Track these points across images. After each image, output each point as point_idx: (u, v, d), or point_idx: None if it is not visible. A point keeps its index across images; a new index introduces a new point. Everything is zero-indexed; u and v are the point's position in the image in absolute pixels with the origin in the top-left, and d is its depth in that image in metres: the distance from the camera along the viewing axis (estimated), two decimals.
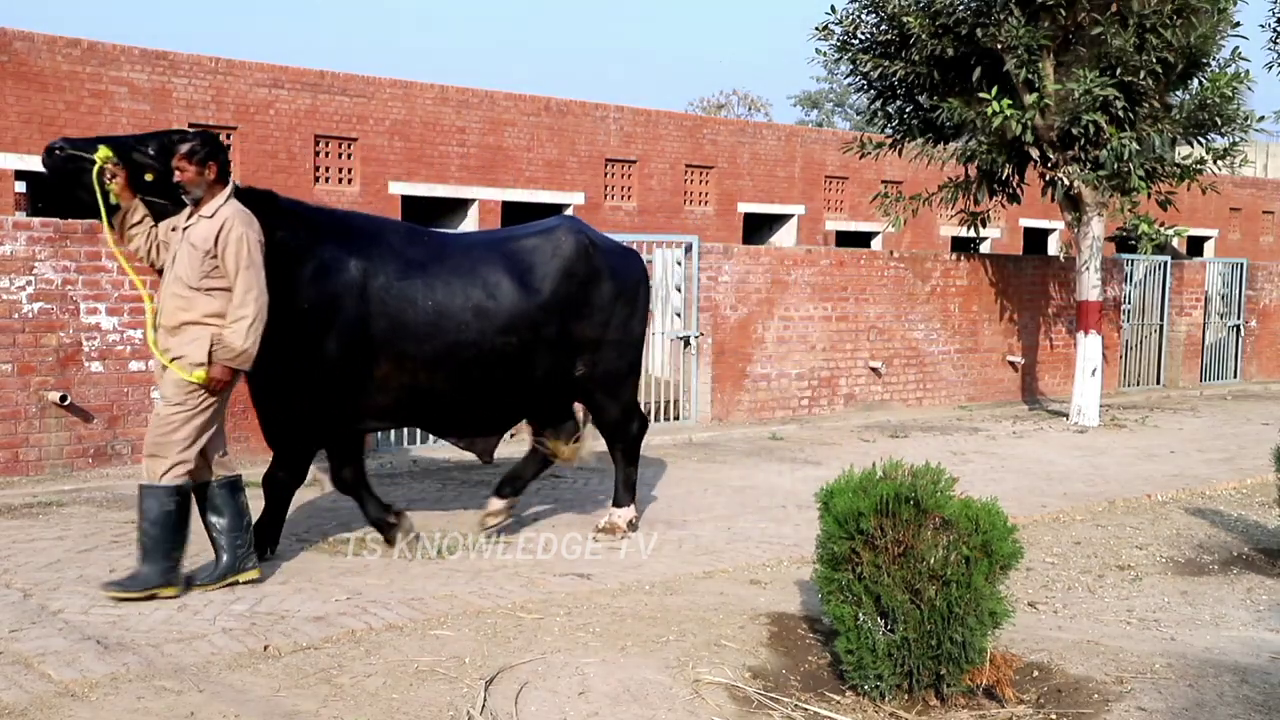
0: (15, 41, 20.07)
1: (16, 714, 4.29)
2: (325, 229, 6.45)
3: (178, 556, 5.75)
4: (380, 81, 24.42)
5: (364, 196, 24.11)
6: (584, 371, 7.15)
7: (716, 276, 12.60)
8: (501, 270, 6.74)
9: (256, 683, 4.69)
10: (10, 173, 20.12)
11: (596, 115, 27.46)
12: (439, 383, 6.56)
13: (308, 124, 23.39)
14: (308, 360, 6.24)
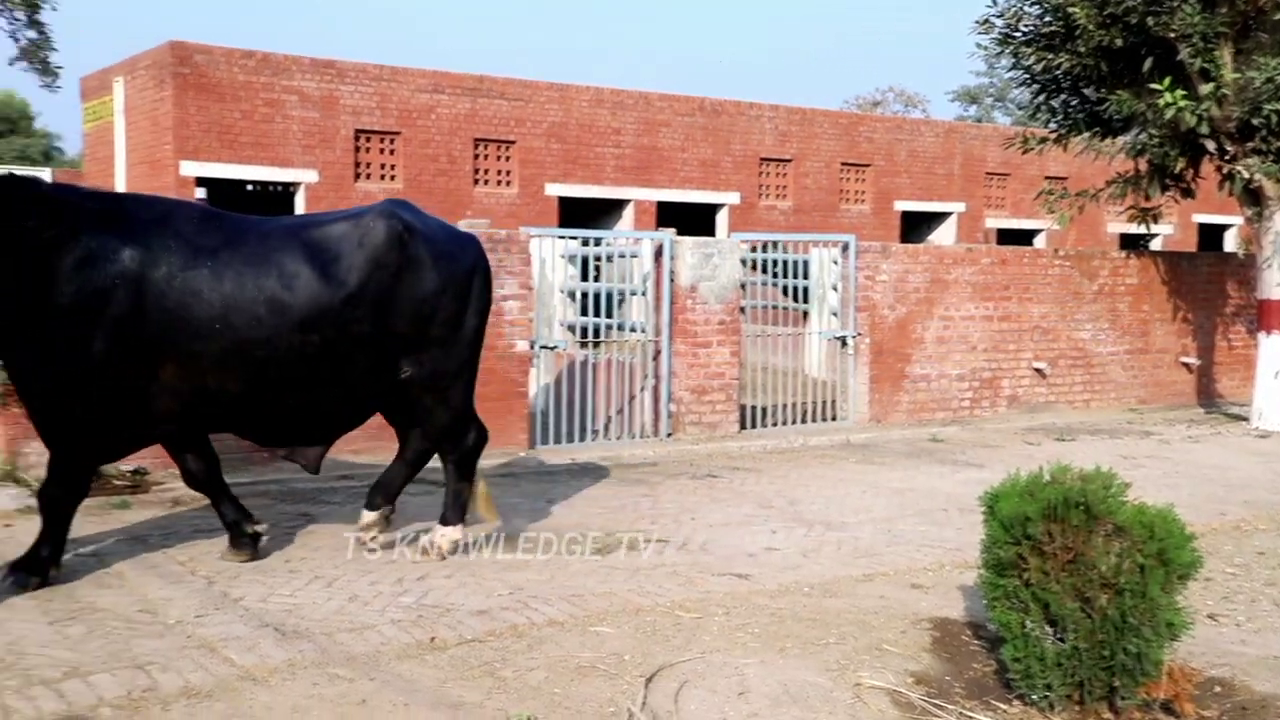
0: (196, 55, 21.01)
1: (203, 695, 4.50)
2: (96, 215, 5.83)
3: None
4: (537, 85, 24.79)
5: (521, 198, 24.52)
6: (409, 373, 6.43)
7: (874, 276, 12.43)
8: (300, 259, 6.03)
9: (424, 673, 4.81)
10: (192, 179, 21.07)
11: (751, 114, 27.36)
12: (231, 385, 5.93)
13: (467, 128, 23.89)
14: (73, 361, 5.65)
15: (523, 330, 10.12)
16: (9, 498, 7.57)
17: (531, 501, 8.21)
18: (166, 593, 5.77)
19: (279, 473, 8.74)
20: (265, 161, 21.80)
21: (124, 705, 4.38)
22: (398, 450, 6.96)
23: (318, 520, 7.37)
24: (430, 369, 6.46)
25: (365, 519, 6.73)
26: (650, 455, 10.27)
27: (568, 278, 12.13)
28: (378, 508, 6.77)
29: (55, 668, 4.71)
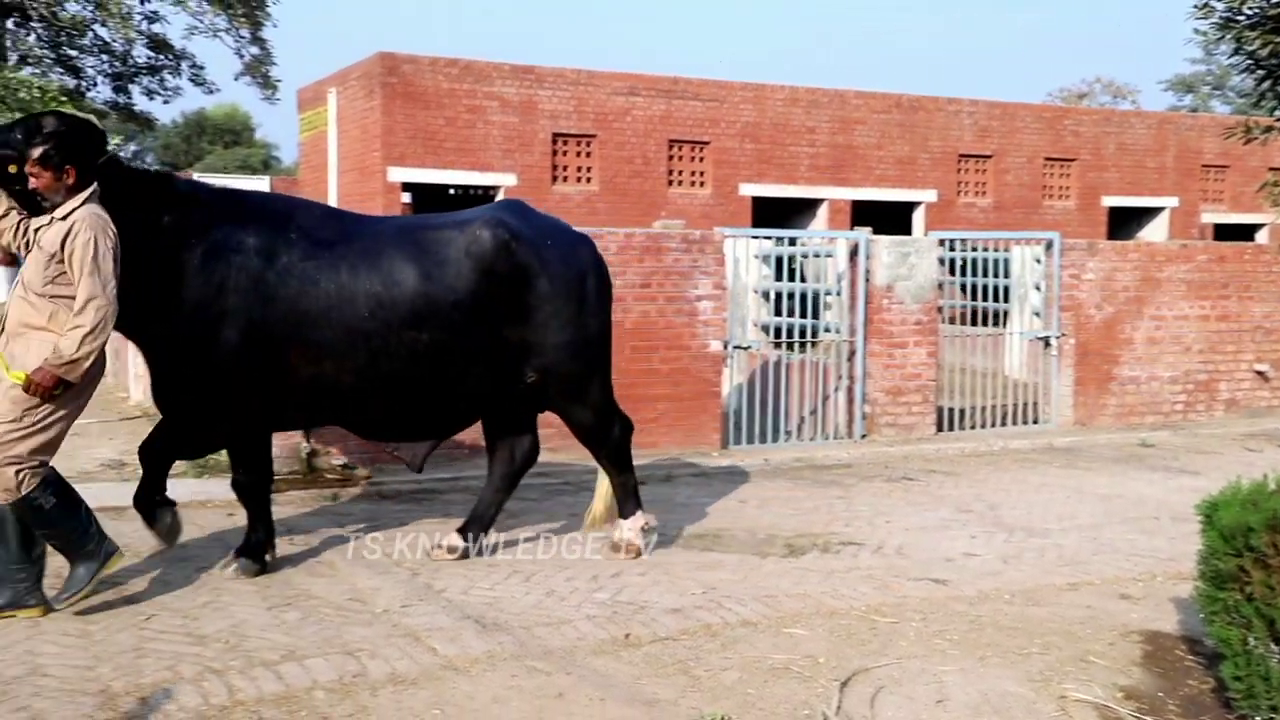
0: (403, 65, 21.81)
1: (408, 683, 4.66)
2: (225, 211, 6.00)
3: (95, 529, 5.44)
4: (731, 85, 24.81)
5: (715, 199, 24.58)
6: (536, 380, 6.42)
7: (1079, 274, 11.98)
8: (408, 259, 6.10)
9: (619, 669, 4.87)
10: (398, 185, 21.88)
11: (949, 110, 26.75)
12: (345, 376, 6.02)
13: (662, 129, 24.08)
14: (205, 350, 5.81)
15: (716, 330, 10.14)
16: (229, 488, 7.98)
17: (724, 502, 8.22)
18: (374, 583, 6.01)
19: (479, 469, 8.98)
20: (467, 166, 22.46)
21: (336, 689, 4.57)
22: (487, 474, 6.94)
23: (515, 516, 7.54)
24: (558, 373, 6.44)
25: (451, 540, 6.59)
26: (844, 457, 10.15)
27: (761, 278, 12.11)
28: (467, 537, 6.63)
29: (274, 650, 4.95)
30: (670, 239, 9.98)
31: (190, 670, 4.71)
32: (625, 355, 9.72)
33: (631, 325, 9.75)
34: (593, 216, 23.00)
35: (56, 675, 4.62)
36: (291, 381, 5.99)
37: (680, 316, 9.96)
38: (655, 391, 9.88)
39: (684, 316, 9.98)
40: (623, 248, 9.72)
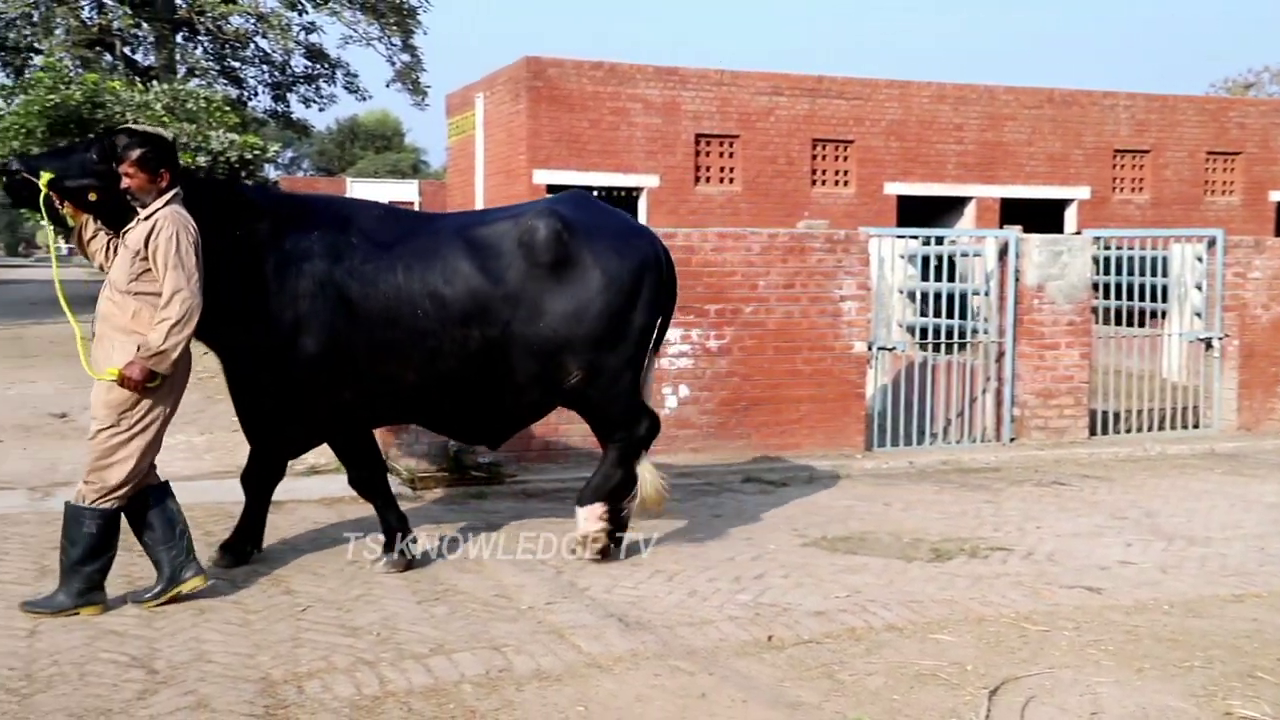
0: (549, 69, 22.11)
1: (553, 679, 4.72)
2: (290, 216, 6.10)
3: (98, 579, 5.42)
4: (877, 83, 24.50)
5: (859, 198, 24.30)
6: (581, 377, 6.30)
7: (1245, 273, 11.48)
8: (462, 256, 6.11)
9: (761, 671, 4.85)
10: (543, 187, 22.18)
11: (1104, 104, 25.95)
12: (408, 375, 6.08)
13: (805, 128, 23.92)
14: (277, 354, 5.93)
15: (860, 331, 10.02)
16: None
17: (868, 505, 8.12)
18: (519, 579, 6.10)
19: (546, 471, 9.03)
20: (610, 168, 22.65)
21: (483, 683, 4.66)
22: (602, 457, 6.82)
23: (658, 516, 7.56)
24: (596, 368, 6.31)
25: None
26: (991, 460, 9.93)
27: (906, 278, 11.92)
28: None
29: (423, 644, 5.07)
30: (814, 239, 9.90)
31: (344, 661, 4.85)
32: (768, 356, 9.69)
33: (775, 326, 9.70)
34: (735, 217, 22.97)
35: (220, 662, 4.81)
36: (360, 383, 6.07)
37: (824, 317, 9.88)
38: (798, 393, 9.81)
39: (828, 317, 9.88)
40: (766, 248, 9.68)
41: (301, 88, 29.19)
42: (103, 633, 5.11)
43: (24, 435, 9.88)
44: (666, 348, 9.39)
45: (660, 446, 9.36)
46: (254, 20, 25.43)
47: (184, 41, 26.58)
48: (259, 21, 25.37)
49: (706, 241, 9.55)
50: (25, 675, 4.62)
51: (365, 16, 26.50)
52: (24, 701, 4.38)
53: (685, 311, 9.42)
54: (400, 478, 8.38)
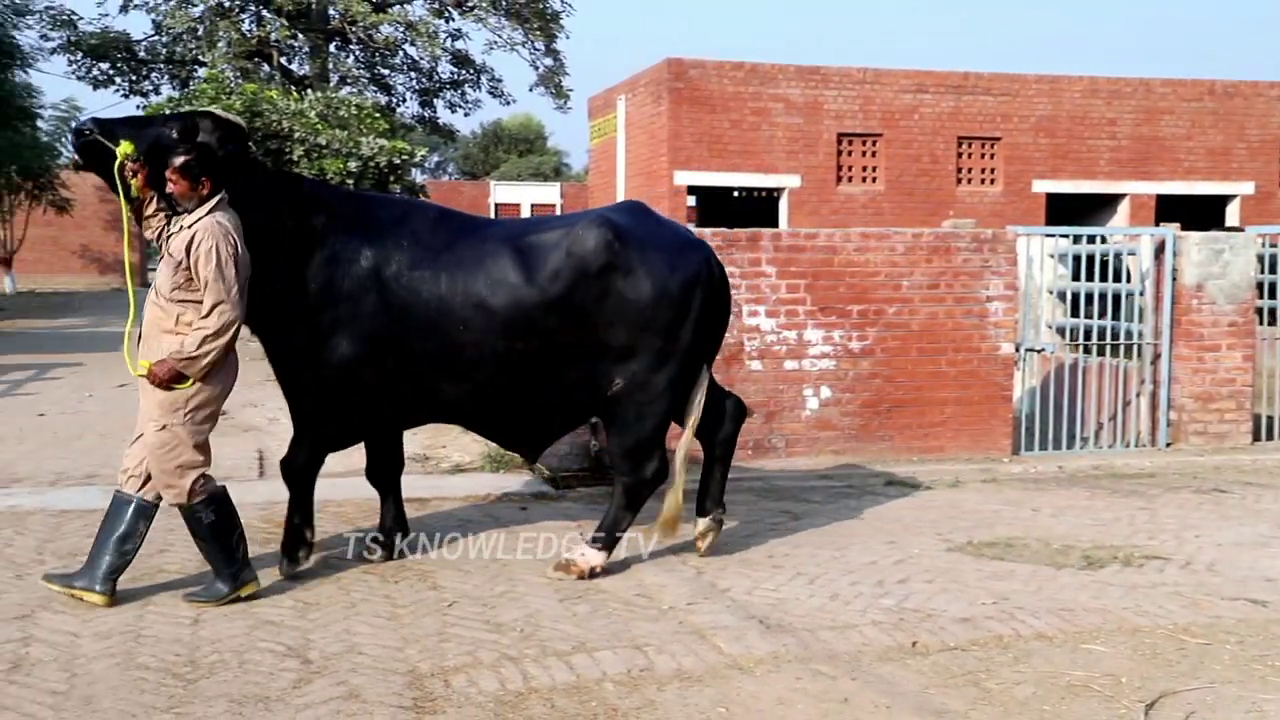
0: (690, 70, 22.17)
1: (694, 679, 4.73)
2: (345, 215, 6.04)
3: (241, 555, 5.62)
4: (1025, 79, 23.92)
5: (1006, 196, 23.76)
6: (620, 388, 6.09)
7: None
8: (509, 264, 5.95)
9: (905, 677, 4.78)
10: (684, 188, 22.24)
11: (1271, 95, 24.86)
12: (450, 384, 6.01)
13: (950, 126, 23.49)
14: (321, 353, 5.90)
15: (1007, 332, 9.79)
16: (524, 484, 8.34)
17: (1015, 510, 7.93)
18: (660, 579, 6.12)
19: (763, 470, 9.02)
20: (751, 168, 22.60)
21: (624, 682, 4.69)
22: (704, 453, 6.75)
23: (799, 518, 7.52)
24: (638, 381, 6.09)
25: (699, 525, 6.55)
26: (1146, 465, 9.59)
27: (1056, 277, 11.61)
28: (708, 513, 6.57)
29: (565, 641, 5.13)
30: (959, 238, 9.71)
31: (489, 656, 4.94)
32: (912, 358, 9.54)
33: (919, 327, 9.55)
34: (878, 217, 22.70)
35: (370, 654, 4.95)
36: (398, 389, 6.04)
37: (970, 318, 9.68)
38: (942, 395, 9.64)
39: (973, 318, 9.68)
40: (910, 248, 9.54)
41: (448, 93, 29.82)
42: (261, 623, 5.30)
43: None
44: (808, 348, 9.33)
45: (801, 448, 9.34)
46: (403, 29, 26.05)
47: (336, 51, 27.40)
48: (408, 30, 25.99)
49: (849, 241, 9.45)
50: (190, 662, 4.82)
51: (509, 22, 26.94)
52: (189, 687, 4.57)
53: (827, 312, 9.35)
54: (541, 476, 8.50)
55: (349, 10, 24.47)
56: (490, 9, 26.45)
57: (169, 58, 27.13)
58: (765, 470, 9.02)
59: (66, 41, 26.39)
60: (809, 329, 9.36)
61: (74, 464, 8.88)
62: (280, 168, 13.30)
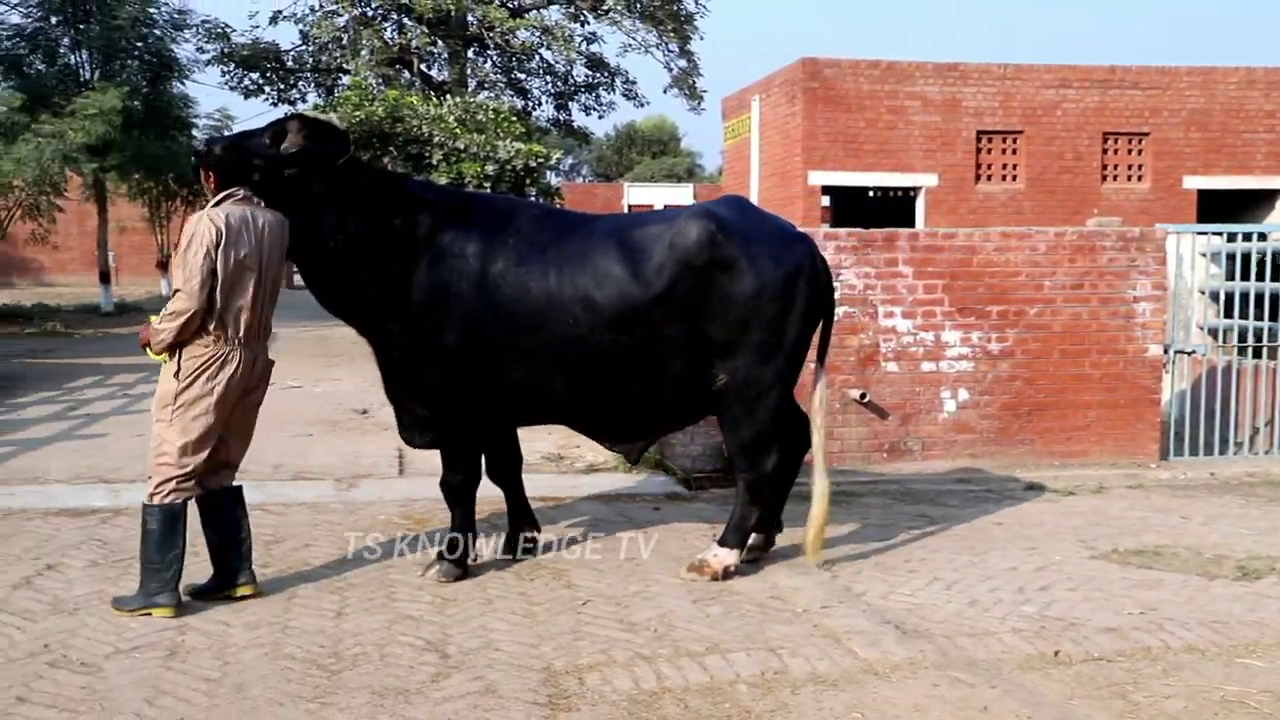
0: (825, 69, 21.99)
1: (828, 684, 4.68)
2: (450, 213, 6.04)
3: (168, 577, 5.41)
4: (1175, 71, 23.12)
5: (1154, 193, 23.01)
6: (724, 383, 6.04)
7: None
8: (614, 259, 5.91)
9: (1048, 687, 4.65)
10: (818, 188, 22.07)
11: None
12: (556, 381, 5.99)
13: (1095, 121, 22.84)
14: (430, 351, 5.91)
15: (1155, 334, 9.47)
16: (657, 484, 8.37)
17: (1164, 517, 7.66)
18: (794, 582, 6.08)
19: (899, 473, 8.89)
20: (887, 168, 22.31)
21: (758, 684, 4.67)
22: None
23: (936, 522, 7.39)
24: (744, 376, 6.03)
25: (751, 540, 6.42)
26: None
27: (1209, 277, 11.18)
28: (765, 529, 6.49)
29: (698, 642, 5.13)
30: (1105, 237, 9.42)
31: (622, 655, 4.97)
32: (1054, 360, 9.30)
33: (1061, 328, 9.30)
34: (1018, 216, 22.19)
35: (506, 650, 5.02)
36: (505, 385, 6.04)
37: (1115, 319, 9.39)
38: (1086, 398, 9.37)
39: (1119, 319, 9.39)
40: (1052, 247, 9.29)
41: (582, 96, 30.11)
42: (401, 617, 5.42)
43: (330, 430, 10.60)
44: (944, 350, 9.17)
45: (938, 451, 9.17)
46: (539, 33, 26.40)
47: (474, 56, 27.89)
48: (544, 34, 26.32)
49: (989, 241, 9.25)
50: (333, 653, 4.96)
51: (644, 25, 27.06)
52: (333, 678, 4.70)
53: (965, 313, 9.17)
54: (675, 477, 8.52)
55: (487, 16, 24.89)
56: (625, 12, 26.61)
57: (315, 66, 27.97)
58: (901, 473, 8.89)
59: (220, 53, 27.41)
60: (947, 330, 9.19)
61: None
62: (420, 171, 13.60)
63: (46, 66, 26.05)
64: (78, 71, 26.32)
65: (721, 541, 6.23)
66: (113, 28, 25.77)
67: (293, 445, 9.79)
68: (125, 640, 5.08)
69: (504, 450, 6.58)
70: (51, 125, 23.28)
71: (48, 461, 9.07)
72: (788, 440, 6.40)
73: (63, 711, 4.36)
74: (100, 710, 4.37)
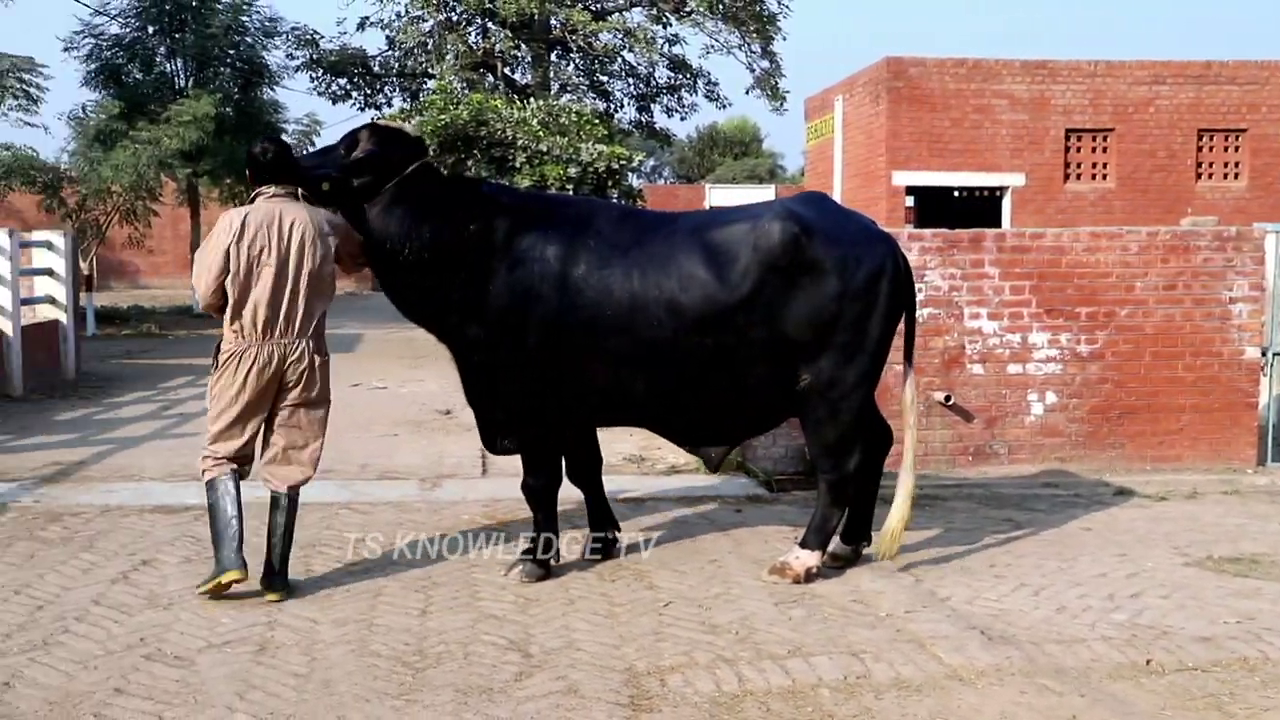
0: (910, 68, 21.77)
1: (912, 689, 4.63)
2: (529, 216, 6.00)
3: (224, 545, 5.65)
4: (1274, 66, 22.54)
5: (1252, 191, 22.43)
6: (808, 382, 5.97)
7: None
8: (698, 261, 5.86)
9: (1139, 696, 4.56)
10: (902, 189, 21.85)
11: None
12: (638, 383, 5.94)
13: (1189, 118, 22.32)
14: (509, 355, 5.90)
15: (1253, 336, 9.23)
16: (739, 486, 8.34)
17: (1262, 524, 7.45)
18: (877, 586, 6.03)
19: (984, 476, 8.77)
20: (972, 167, 22.01)
21: (840, 688, 4.63)
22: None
23: (1022, 527, 7.27)
24: (828, 377, 5.97)
25: (834, 547, 6.36)
26: None
27: None
28: (854, 541, 6.43)
29: (780, 645, 5.11)
30: (1199, 237, 9.21)
31: (704, 657, 4.96)
32: (1145, 362, 9.11)
33: (1153, 330, 9.10)
34: (1108, 215, 21.76)
35: (588, 650, 5.04)
36: (586, 387, 6.01)
37: (1210, 321, 9.17)
38: (1179, 401, 9.16)
39: (1214, 321, 9.17)
40: (1144, 247, 9.10)
41: (664, 98, 30.08)
42: (484, 616, 5.47)
43: (415, 431, 10.73)
44: (1031, 352, 9.03)
45: (1024, 455, 9.03)
46: (622, 36, 26.44)
47: (557, 60, 28.03)
48: (626, 37, 26.35)
49: (1078, 241, 9.09)
50: (418, 651, 5.02)
51: (726, 26, 26.97)
52: (418, 675, 4.76)
53: (1054, 315, 9.02)
54: (757, 479, 8.49)
55: (570, 20, 25.01)
56: (707, 13, 26.54)
57: (400, 71, 28.31)
58: (986, 477, 8.76)
59: (309, 59, 27.86)
60: (1034, 332, 9.05)
61: None
62: (503, 174, 13.72)
63: (143, 75, 26.68)
64: (173, 79, 26.94)
65: (803, 543, 6.20)
66: (206, 36, 26.33)
67: (379, 445, 9.94)
68: (217, 635, 5.20)
69: (584, 452, 6.59)
70: (148, 132, 23.85)
71: (143, 459, 9.30)
72: (869, 443, 6.36)
73: (158, 703, 4.47)
74: (193, 703, 4.47)
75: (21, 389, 12.77)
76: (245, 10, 27.56)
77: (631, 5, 27.31)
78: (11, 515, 7.36)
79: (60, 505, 7.63)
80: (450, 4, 25.91)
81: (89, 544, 6.70)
